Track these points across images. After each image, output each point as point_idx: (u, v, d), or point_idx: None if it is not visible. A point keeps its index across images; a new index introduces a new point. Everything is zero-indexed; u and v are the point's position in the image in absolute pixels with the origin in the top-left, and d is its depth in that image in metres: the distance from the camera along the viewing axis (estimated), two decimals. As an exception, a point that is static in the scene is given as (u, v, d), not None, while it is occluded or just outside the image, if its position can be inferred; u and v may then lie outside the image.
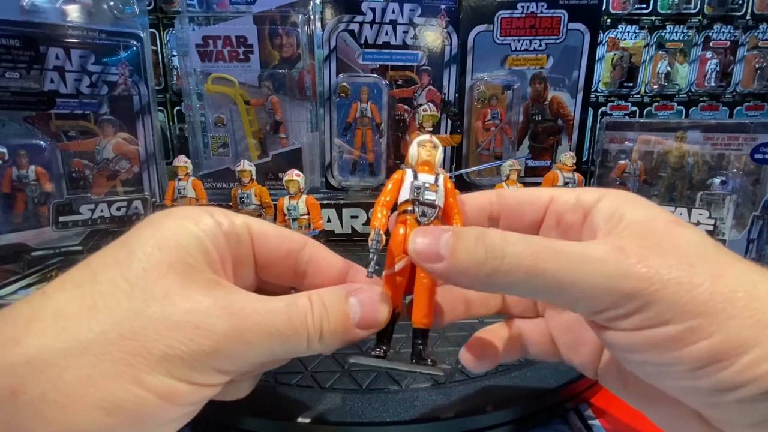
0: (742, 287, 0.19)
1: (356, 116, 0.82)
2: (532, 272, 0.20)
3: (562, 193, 0.26)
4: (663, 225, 0.21)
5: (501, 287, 0.22)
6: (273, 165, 0.81)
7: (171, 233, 0.22)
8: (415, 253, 0.22)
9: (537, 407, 0.37)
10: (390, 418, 0.33)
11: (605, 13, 0.91)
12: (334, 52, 0.81)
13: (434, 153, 0.28)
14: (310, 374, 0.38)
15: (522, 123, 0.86)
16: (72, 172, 0.74)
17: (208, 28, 0.76)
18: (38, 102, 0.70)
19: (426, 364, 0.26)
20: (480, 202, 0.28)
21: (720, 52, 0.95)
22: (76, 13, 0.71)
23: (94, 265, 0.21)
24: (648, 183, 0.76)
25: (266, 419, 0.34)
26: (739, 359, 0.18)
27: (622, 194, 0.24)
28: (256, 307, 0.22)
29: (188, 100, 0.79)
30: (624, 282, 0.19)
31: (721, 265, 0.19)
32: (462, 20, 0.80)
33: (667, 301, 0.18)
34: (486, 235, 0.21)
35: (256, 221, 0.26)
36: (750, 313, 0.18)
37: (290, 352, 0.23)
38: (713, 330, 0.18)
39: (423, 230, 0.23)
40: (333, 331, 0.23)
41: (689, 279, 0.19)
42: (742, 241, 0.65)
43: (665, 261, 0.19)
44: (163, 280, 0.20)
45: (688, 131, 0.72)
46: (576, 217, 0.24)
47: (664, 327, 0.19)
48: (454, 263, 0.21)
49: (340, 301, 0.24)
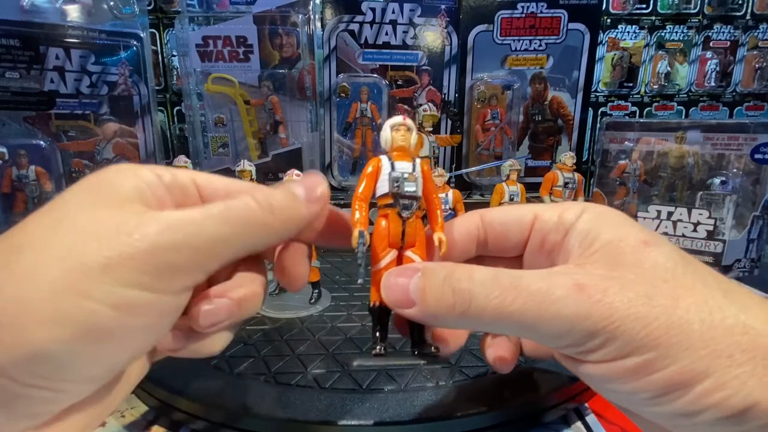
0: (698, 317, 0.19)
1: (356, 116, 0.82)
2: (499, 314, 0.21)
3: (545, 210, 0.26)
4: (632, 247, 0.22)
5: (472, 326, 0.23)
6: (273, 165, 0.81)
7: (105, 182, 0.21)
8: (387, 300, 0.24)
9: (537, 407, 0.37)
10: (390, 418, 0.33)
11: (605, 13, 0.91)
12: (334, 52, 0.81)
13: (408, 136, 0.27)
14: (310, 374, 0.38)
15: (522, 123, 0.86)
16: (72, 172, 0.74)
17: (208, 28, 0.76)
18: (38, 102, 0.70)
19: (428, 352, 0.26)
20: (466, 228, 0.28)
21: (720, 52, 0.95)
22: (76, 13, 0.71)
23: (26, 219, 0.20)
24: (648, 183, 0.76)
25: (266, 419, 0.34)
26: (693, 389, 0.19)
27: (599, 212, 0.24)
28: (193, 208, 0.21)
29: (188, 100, 0.79)
30: (584, 322, 0.20)
31: (681, 293, 0.20)
32: (462, 20, 0.80)
33: (625, 337, 0.20)
34: (453, 276, 0.22)
35: (203, 174, 0.26)
36: (704, 343, 0.19)
37: (246, 235, 0.23)
38: (668, 362, 0.19)
39: (395, 273, 0.24)
40: (282, 204, 0.23)
41: (647, 312, 0.20)
42: (742, 241, 0.65)
43: (625, 295, 0.20)
44: (91, 210, 0.20)
45: (688, 131, 0.72)
46: (558, 237, 0.25)
47: (625, 360, 0.20)
48: (424, 308, 0.22)
49: (283, 186, 0.25)
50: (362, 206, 0.26)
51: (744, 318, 0.19)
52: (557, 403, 0.37)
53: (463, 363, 0.39)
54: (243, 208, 0.22)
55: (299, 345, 0.43)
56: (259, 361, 0.40)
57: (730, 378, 0.19)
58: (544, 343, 0.22)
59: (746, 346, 0.19)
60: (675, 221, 0.66)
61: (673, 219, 0.66)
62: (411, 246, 0.26)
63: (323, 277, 0.56)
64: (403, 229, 0.26)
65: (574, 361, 0.22)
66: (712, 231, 0.64)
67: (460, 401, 0.35)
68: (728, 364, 0.19)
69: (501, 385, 0.37)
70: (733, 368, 0.19)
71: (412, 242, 0.26)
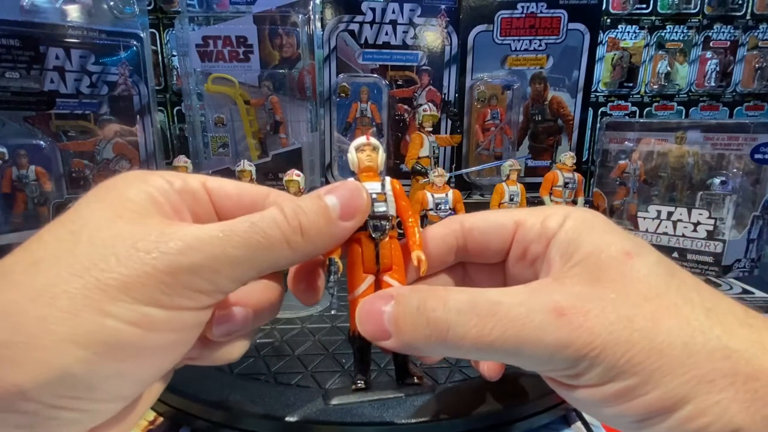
0: (680, 340, 0.19)
1: (356, 116, 0.82)
2: (478, 344, 0.20)
3: (527, 217, 0.25)
4: (614, 259, 0.21)
5: (453, 354, 0.22)
6: (273, 165, 0.81)
7: (117, 191, 0.21)
8: (363, 332, 0.22)
9: (537, 407, 0.36)
10: (390, 419, 0.33)
11: (605, 13, 0.91)
12: (334, 52, 0.81)
13: (374, 156, 0.26)
14: (310, 374, 0.38)
15: (522, 123, 0.86)
16: (72, 172, 0.74)
17: (208, 28, 0.76)
18: (38, 102, 0.70)
19: (413, 383, 0.25)
20: (442, 236, 0.27)
21: (720, 52, 0.95)
22: (76, 13, 0.71)
23: (41, 231, 0.20)
24: (648, 183, 0.76)
25: (266, 419, 0.34)
26: (673, 414, 0.19)
27: (582, 218, 0.23)
28: (215, 225, 0.20)
29: (188, 100, 0.79)
30: (567, 349, 0.20)
31: (662, 313, 0.20)
32: (462, 20, 0.80)
33: (607, 363, 0.19)
34: (427, 304, 0.21)
35: (214, 178, 0.25)
36: (684, 369, 0.19)
37: (271, 258, 0.21)
38: (649, 388, 0.19)
39: (368, 302, 0.22)
40: (313, 224, 0.22)
41: (628, 337, 0.19)
42: (742, 241, 0.65)
43: (606, 318, 0.19)
44: (108, 225, 0.20)
45: (688, 131, 0.72)
46: (540, 248, 0.24)
47: (607, 385, 0.20)
48: (401, 339, 0.21)
49: (315, 198, 0.23)
50: None
51: (726, 340, 0.19)
52: (557, 403, 0.37)
53: (462, 363, 0.39)
54: (269, 227, 0.21)
55: (299, 345, 0.43)
56: (259, 361, 0.40)
57: (711, 404, 0.18)
58: (527, 368, 0.22)
59: (728, 371, 0.19)
60: (675, 221, 0.66)
61: (673, 219, 0.66)
62: (388, 269, 0.25)
63: (323, 277, 0.56)
64: (377, 252, 0.25)
65: (559, 385, 0.22)
66: (712, 231, 0.64)
67: (460, 402, 0.35)
68: (709, 389, 0.19)
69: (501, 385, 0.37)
70: (714, 394, 0.18)
71: (389, 265, 0.25)
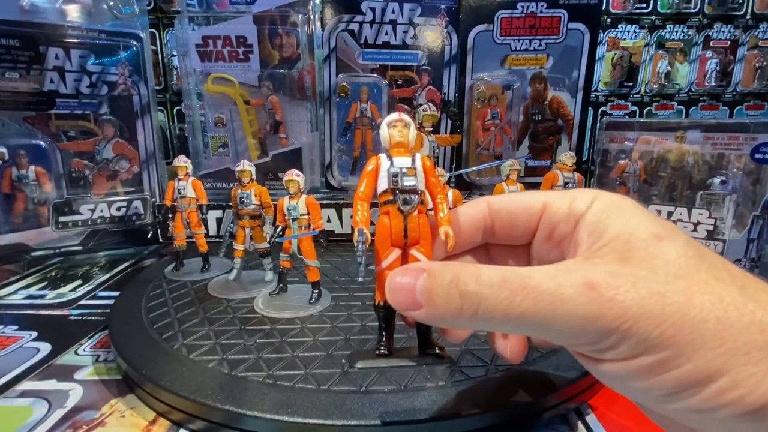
0: (713, 315, 0.19)
1: (356, 116, 0.82)
2: (508, 316, 0.21)
3: (555, 199, 0.25)
4: (643, 241, 0.21)
5: (481, 327, 0.22)
6: (273, 165, 0.81)
7: None
8: (393, 303, 0.23)
9: (537, 407, 0.36)
10: (390, 418, 0.33)
11: (605, 13, 0.91)
12: (334, 52, 0.81)
13: (406, 132, 0.27)
14: (310, 374, 0.38)
15: (522, 123, 0.86)
16: (72, 172, 0.74)
17: (208, 28, 0.76)
18: (38, 102, 0.70)
19: (434, 353, 0.26)
20: (471, 217, 0.27)
21: (720, 51, 0.95)
22: (75, 13, 0.71)
23: None
24: (648, 183, 0.76)
25: (266, 419, 0.34)
26: (708, 387, 0.19)
27: (610, 201, 0.24)
28: None
29: (188, 100, 0.79)
30: (597, 322, 0.20)
31: (695, 290, 0.20)
32: (462, 20, 0.80)
33: (639, 336, 0.19)
34: (460, 278, 0.21)
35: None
36: (719, 342, 0.19)
37: None
38: (682, 361, 0.19)
39: (399, 274, 0.23)
40: None
41: (660, 311, 0.19)
42: (742, 240, 0.65)
43: (637, 293, 0.20)
44: None
45: (688, 131, 0.72)
46: (568, 228, 0.24)
47: (638, 359, 0.20)
48: (432, 312, 0.22)
49: None
50: (363, 205, 0.26)
51: (761, 315, 0.19)
52: (557, 403, 0.37)
53: (463, 363, 0.39)
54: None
55: (299, 345, 0.43)
56: (259, 361, 0.40)
57: (746, 376, 0.18)
58: (556, 342, 0.22)
59: (763, 343, 0.18)
60: (675, 221, 0.66)
61: (673, 219, 0.66)
62: (415, 243, 0.26)
63: (323, 277, 0.56)
64: (406, 225, 0.26)
65: (587, 359, 0.22)
66: (712, 231, 0.64)
67: (460, 401, 0.35)
68: (744, 362, 0.18)
69: (501, 385, 0.37)
70: (750, 366, 0.18)
71: (416, 239, 0.26)
